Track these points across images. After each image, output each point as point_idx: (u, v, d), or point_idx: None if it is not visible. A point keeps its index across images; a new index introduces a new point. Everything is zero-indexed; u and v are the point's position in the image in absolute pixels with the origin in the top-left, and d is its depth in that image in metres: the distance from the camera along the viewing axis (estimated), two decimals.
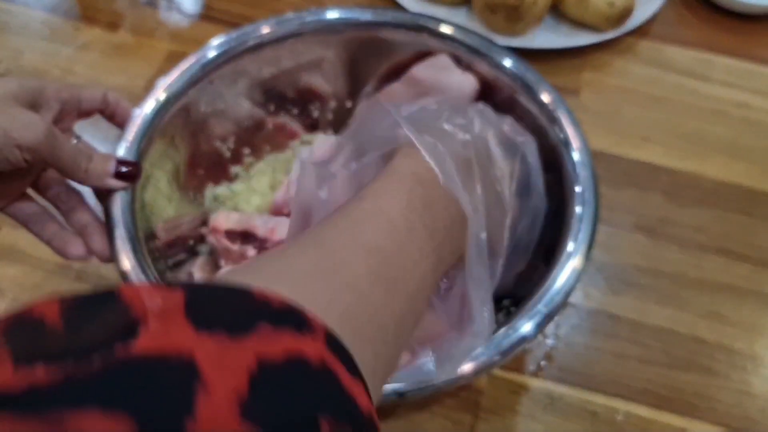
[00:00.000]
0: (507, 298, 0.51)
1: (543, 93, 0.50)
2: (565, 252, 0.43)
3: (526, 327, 0.40)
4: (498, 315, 0.50)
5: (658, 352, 0.58)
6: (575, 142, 0.48)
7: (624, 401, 0.55)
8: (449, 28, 0.55)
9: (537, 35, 0.78)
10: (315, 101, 0.63)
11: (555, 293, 0.41)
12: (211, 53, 0.53)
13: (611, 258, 0.63)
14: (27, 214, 0.45)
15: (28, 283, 0.60)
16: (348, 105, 0.63)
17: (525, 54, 0.56)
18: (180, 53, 0.77)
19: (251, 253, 0.54)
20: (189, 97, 0.53)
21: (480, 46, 0.53)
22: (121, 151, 0.48)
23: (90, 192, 0.49)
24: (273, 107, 0.62)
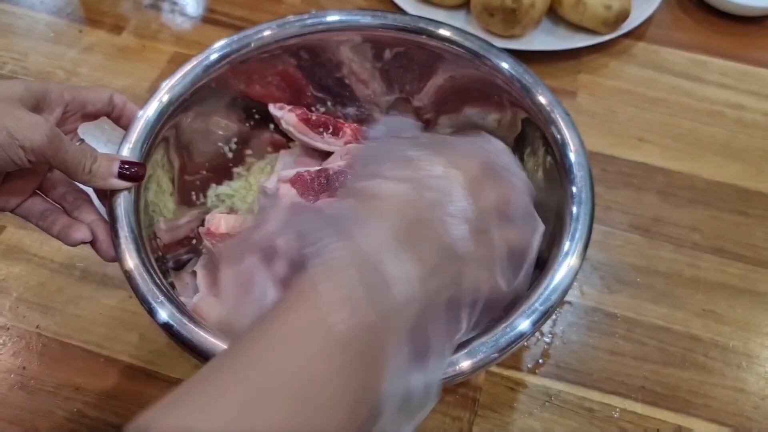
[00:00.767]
0: None
1: (540, 95, 0.51)
2: (562, 251, 0.43)
3: (523, 324, 0.40)
4: None
5: (653, 349, 0.58)
6: (572, 143, 0.48)
7: (620, 398, 0.56)
8: (449, 30, 0.55)
9: (534, 38, 0.79)
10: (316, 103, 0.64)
11: (552, 291, 0.41)
12: (214, 56, 0.54)
13: (607, 257, 0.64)
14: (38, 212, 0.46)
15: (32, 282, 0.61)
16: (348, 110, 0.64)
17: (522, 56, 0.56)
18: (183, 55, 0.78)
19: None
20: (191, 99, 0.54)
21: (478, 48, 0.54)
22: (125, 153, 0.48)
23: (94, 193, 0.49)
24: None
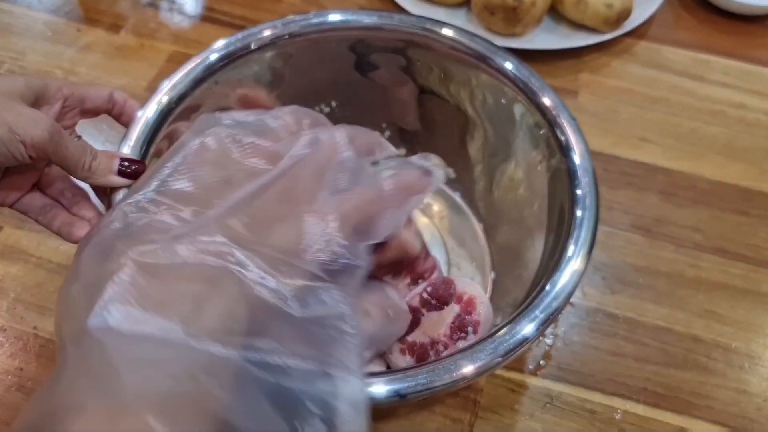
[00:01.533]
0: None
1: (545, 97, 0.51)
2: (566, 255, 0.43)
3: (527, 329, 0.40)
4: None
5: (655, 350, 0.58)
6: (577, 146, 0.48)
7: (622, 400, 0.55)
8: (453, 31, 0.55)
9: (535, 36, 0.79)
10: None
11: (556, 295, 0.41)
12: (214, 55, 0.53)
13: (609, 257, 0.63)
14: (37, 207, 0.45)
15: (30, 282, 0.61)
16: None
17: (523, 55, 0.56)
18: (182, 54, 0.77)
19: None
20: (193, 99, 0.53)
21: (484, 49, 0.54)
22: (125, 152, 0.48)
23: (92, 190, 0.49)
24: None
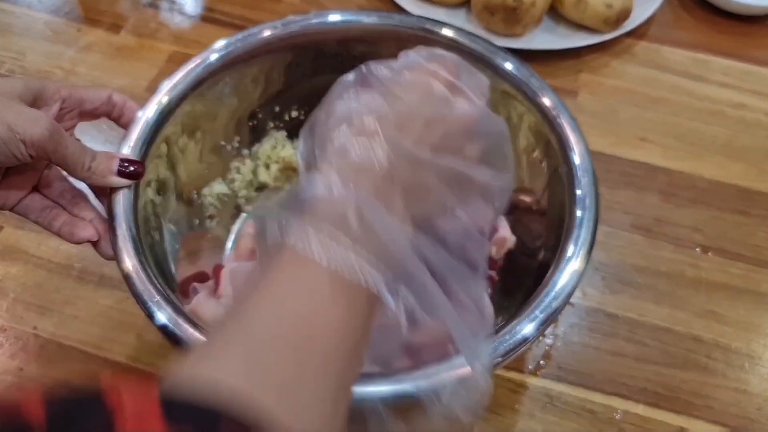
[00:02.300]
0: None
1: (545, 97, 0.51)
2: (565, 255, 0.43)
3: (527, 329, 0.40)
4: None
5: (655, 350, 0.58)
6: (577, 146, 0.48)
7: (622, 400, 0.55)
8: (453, 31, 0.54)
9: (535, 36, 0.79)
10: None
11: (555, 295, 0.41)
12: (214, 56, 0.53)
13: (609, 257, 0.63)
14: (37, 208, 0.45)
15: (30, 283, 0.61)
16: None
17: (523, 55, 0.56)
18: (182, 54, 0.77)
19: None
20: (193, 98, 0.53)
21: (484, 50, 0.54)
22: (125, 152, 0.48)
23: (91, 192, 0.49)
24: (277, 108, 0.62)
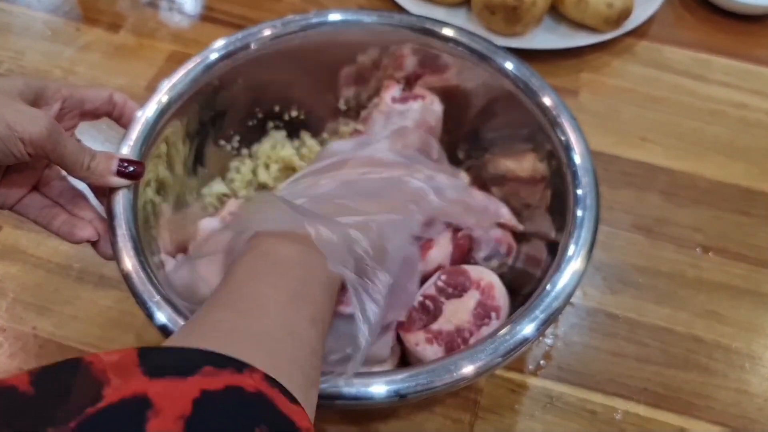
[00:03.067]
0: None
1: (546, 97, 0.51)
2: (566, 255, 0.43)
3: (527, 329, 0.40)
4: None
5: (656, 351, 0.58)
6: (578, 146, 0.48)
7: (622, 400, 0.55)
8: (454, 31, 0.54)
9: (536, 36, 0.79)
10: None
11: (556, 295, 0.41)
12: (214, 55, 0.53)
13: (609, 257, 0.63)
14: (36, 208, 0.45)
15: (29, 283, 0.61)
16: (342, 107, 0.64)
17: (524, 55, 0.56)
18: (181, 54, 0.77)
19: None
20: (193, 98, 0.53)
21: (484, 49, 0.53)
22: (125, 152, 0.48)
23: (90, 192, 0.49)
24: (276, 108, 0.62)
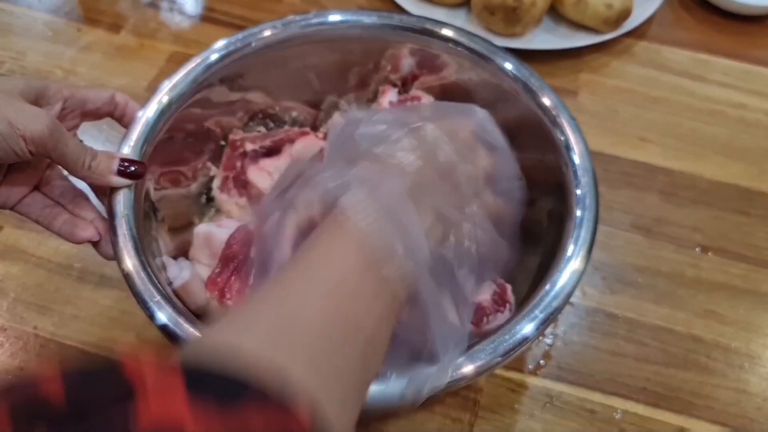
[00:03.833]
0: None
1: (545, 97, 0.51)
2: (565, 255, 0.43)
3: (527, 328, 0.40)
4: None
5: (655, 350, 0.58)
6: (577, 147, 0.48)
7: (622, 399, 0.55)
8: (454, 31, 0.55)
9: (535, 36, 0.79)
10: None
11: (555, 295, 0.41)
12: (215, 55, 0.53)
13: (609, 257, 0.63)
14: (38, 208, 0.46)
15: (30, 283, 0.61)
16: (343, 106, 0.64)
17: (523, 55, 0.56)
18: (182, 54, 0.77)
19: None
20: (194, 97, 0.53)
21: (484, 50, 0.54)
22: (126, 152, 0.48)
23: (91, 191, 0.49)
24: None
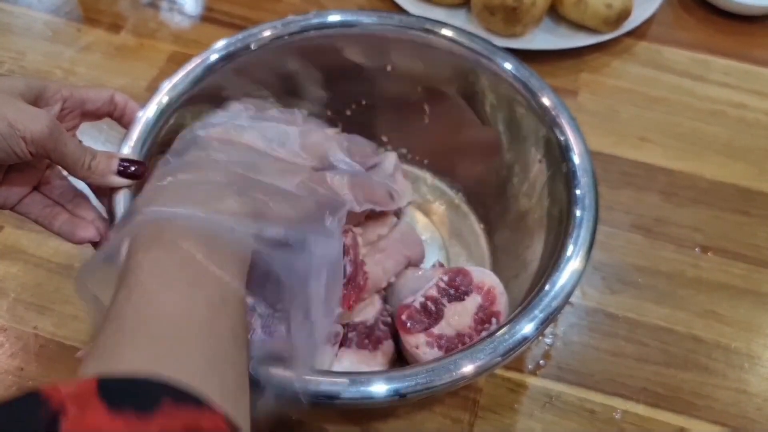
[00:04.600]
0: None
1: (545, 97, 0.51)
2: (565, 255, 0.43)
3: (526, 328, 0.40)
4: None
5: (655, 350, 0.58)
6: (577, 147, 0.48)
7: (622, 400, 0.55)
8: (453, 31, 0.54)
9: (535, 36, 0.79)
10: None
11: (555, 295, 0.41)
12: (215, 56, 0.53)
13: (609, 257, 0.63)
14: (38, 208, 0.46)
15: (30, 283, 0.61)
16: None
17: (523, 55, 0.56)
18: (181, 54, 0.77)
19: None
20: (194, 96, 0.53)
21: (483, 50, 0.54)
22: (126, 152, 0.48)
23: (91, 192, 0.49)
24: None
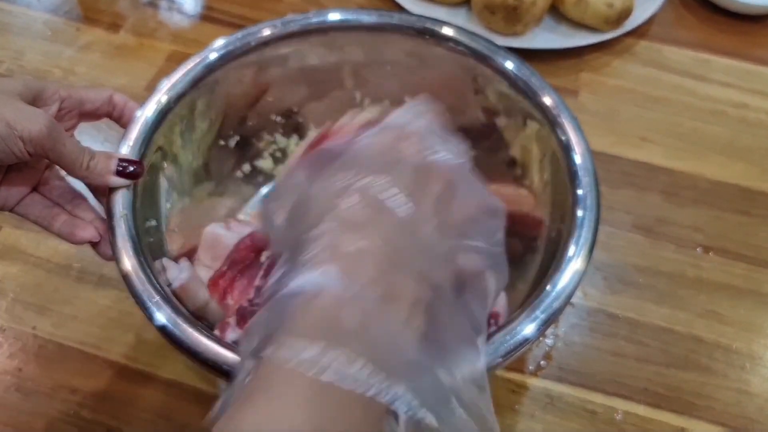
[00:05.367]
0: None
1: (546, 97, 0.50)
2: (566, 255, 0.43)
3: (527, 329, 0.40)
4: None
5: (656, 351, 0.58)
6: (578, 147, 0.48)
7: (623, 400, 0.55)
8: (454, 30, 0.54)
9: (536, 36, 0.79)
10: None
11: (556, 296, 0.41)
12: (214, 55, 0.53)
13: (610, 257, 0.63)
14: (37, 209, 0.45)
15: (29, 283, 0.61)
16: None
17: (524, 54, 0.56)
18: (181, 54, 0.77)
19: None
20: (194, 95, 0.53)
21: (484, 49, 0.53)
22: (124, 152, 0.48)
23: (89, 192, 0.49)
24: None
